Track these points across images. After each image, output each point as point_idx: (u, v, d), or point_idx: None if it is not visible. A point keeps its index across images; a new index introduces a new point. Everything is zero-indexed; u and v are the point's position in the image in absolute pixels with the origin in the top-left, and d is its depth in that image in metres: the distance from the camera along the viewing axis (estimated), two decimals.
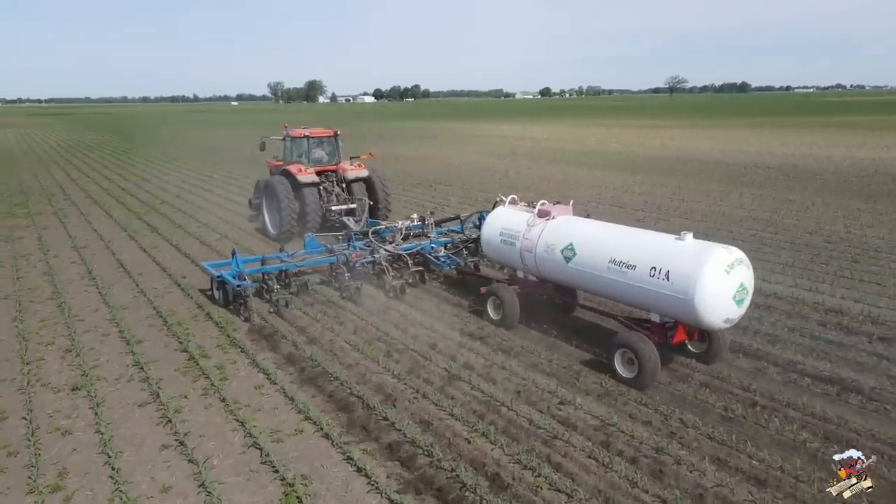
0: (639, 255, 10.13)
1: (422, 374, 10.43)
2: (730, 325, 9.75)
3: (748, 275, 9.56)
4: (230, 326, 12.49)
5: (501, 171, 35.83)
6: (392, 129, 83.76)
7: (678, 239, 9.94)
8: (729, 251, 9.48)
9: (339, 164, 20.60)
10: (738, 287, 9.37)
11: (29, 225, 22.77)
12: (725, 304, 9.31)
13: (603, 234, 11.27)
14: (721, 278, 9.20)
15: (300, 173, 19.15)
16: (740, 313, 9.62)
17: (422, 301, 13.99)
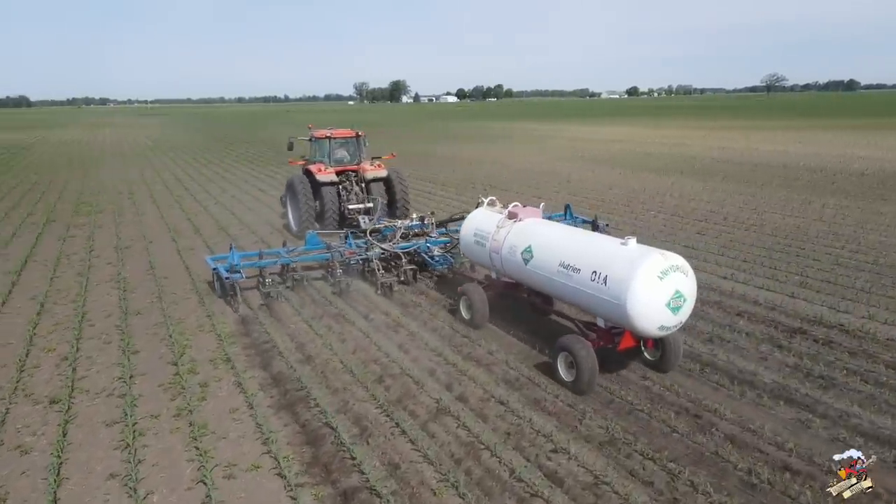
0: (584, 259, 10.10)
1: (409, 404, 9.53)
2: (666, 333, 9.57)
3: (686, 282, 9.34)
4: (228, 340, 12.03)
5: (561, 176, 34.28)
6: (465, 129, 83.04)
7: (622, 244, 9.80)
8: (665, 257, 9.28)
9: (360, 165, 20.90)
10: (672, 294, 9.17)
11: (87, 223, 23.50)
12: (658, 310, 9.16)
13: (557, 237, 11.24)
14: (653, 285, 9.06)
15: (320, 173, 19.76)
16: (677, 321, 9.43)
17: (435, 319, 13.07)
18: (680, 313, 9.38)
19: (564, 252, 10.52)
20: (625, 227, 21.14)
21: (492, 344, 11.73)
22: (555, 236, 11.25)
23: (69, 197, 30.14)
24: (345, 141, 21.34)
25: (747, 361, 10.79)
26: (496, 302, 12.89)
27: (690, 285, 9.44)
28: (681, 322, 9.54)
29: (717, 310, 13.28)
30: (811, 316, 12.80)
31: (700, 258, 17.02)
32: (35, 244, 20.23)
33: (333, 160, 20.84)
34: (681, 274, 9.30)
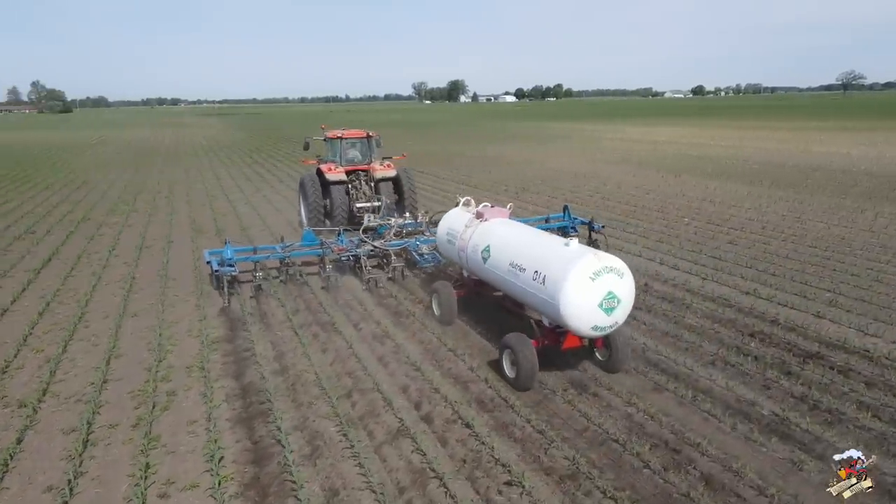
0: (529, 260, 10.34)
1: (371, 423, 9.10)
2: (601, 334, 9.71)
3: (620, 284, 9.44)
4: (211, 346, 11.88)
5: (600, 179, 33.12)
6: (517, 129, 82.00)
7: (565, 245, 10.02)
8: (598, 258, 9.42)
9: (370, 164, 21.34)
10: (605, 295, 9.34)
11: (118, 223, 24.09)
12: (591, 311, 9.35)
13: (511, 237, 11.45)
14: (585, 285, 9.25)
15: (329, 172, 20.28)
16: (611, 322, 9.57)
17: (425, 330, 12.58)
18: (614, 314, 9.54)
19: (514, 252, 10.83)
20: (652, 234, 20.11)
21: (476, 359, 11.16)
22: (509, 236, 11.51)
23: (112, 195, 31.10)
24: (356, 141, 21.75)
25: (748, 389, 9.87)
26: (470, 300, 13.31)
27: (625, 287, 9.56)
28: (616, 323, 9.69)
29: (728, 329, 12.29)
30: (834, 339, 11.68)
31: (725, 270, 15.93)
32: (64, 242, 20.81)
33: (345, 160, 21.27)
34: (615, 276, 9.43)
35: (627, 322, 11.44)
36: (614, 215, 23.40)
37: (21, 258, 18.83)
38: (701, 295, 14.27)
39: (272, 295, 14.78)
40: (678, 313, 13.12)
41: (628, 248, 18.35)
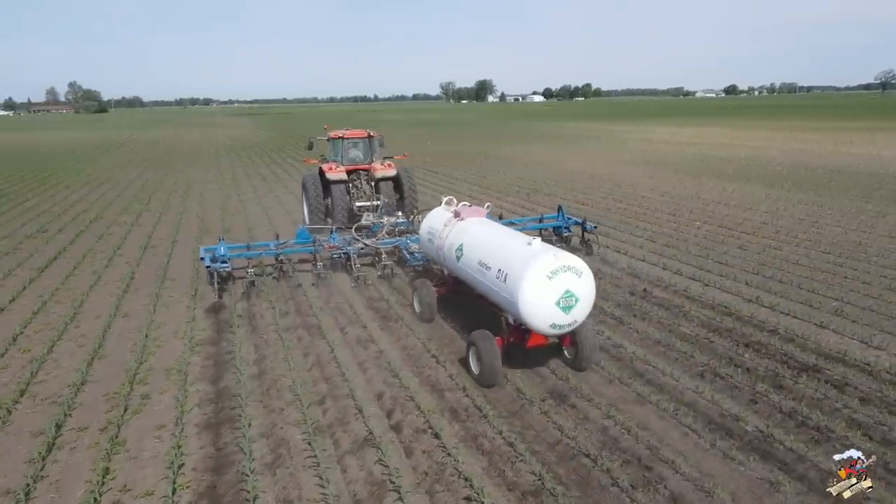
0: (494, 258, 10.53)
1: (338, 431, 8.92)
2: (560, 332, 9.85)
3: (578, 283, 9.57)
4: (195, 349, 11.84)
5: (615, 180, 32.52)
6: (540, 129, 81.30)
7: (528, 244, 10.14)
8: (556, 257, 9.54)
9: (371, 164, 21.54)
10: (562, 293, 9.47)
11: (128, 222, 24.35)
12: (548, 309, 9.49)
13: (482, 236, 11.63)
14: (542, 284, 9.40)
15: (330, 171, 20.44)
16: (570, 320, 9.69)
17: (412, 335, 12.36)
18: (572, 312, 9.65)
19: (482, 251, 11.04)
20: (660, 238, 19.59)
21: (457, 366, 10.91)
22: (481, 236, 11.68)
23: (128, 195, 31.52)
24: (357, 141, 22.01)
25: (734, 403, 9.45)
26: (451, 299, 13.39)
27: (584, 286, 9.68)
28: (575, 321, 9.78)
29: (724, 338, 11.84)
30: (834, 351, 11.16)
31: (730, 277, 15.41)
32: (72, 241, 21.08)
33: (346, 159, 21.54)
34: (572, 274, 9.57)
35: (617, 325, 11.08)
36: (624, 218, 22.91)
37: (29, 256, 19.11)
38: (700, 302, 13.80)
39: (264, 294, 14.76)
40: (674, 321, 12.70)
41: (633, 252, 17.91)
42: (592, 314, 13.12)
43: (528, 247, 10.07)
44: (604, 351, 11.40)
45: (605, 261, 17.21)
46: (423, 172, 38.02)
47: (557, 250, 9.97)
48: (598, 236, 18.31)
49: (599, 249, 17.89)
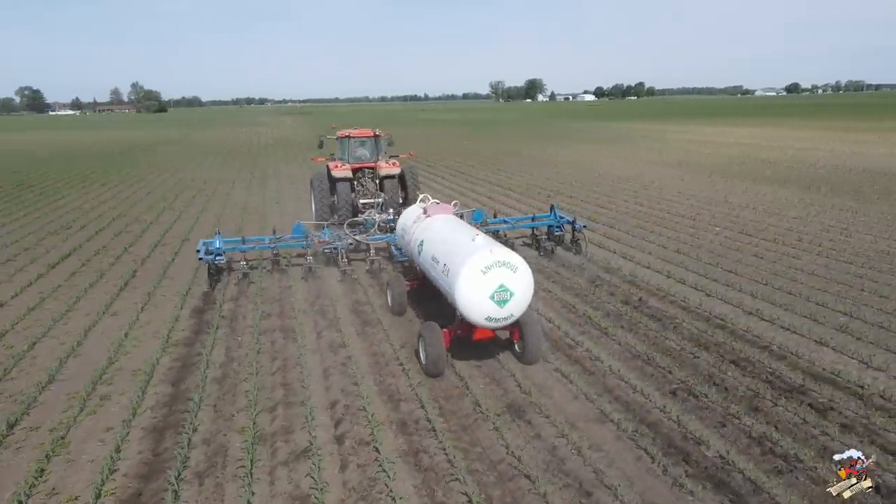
0: (442, 253, 10.96)
1: (280, 440, 8.75)
2: (497, 325, 10.19)
3: (513, 278, 9.94)
4: (169, 350, 11.87)
5: (643, 182, 31.49)
6: (583, 129, 79.89)
7: (472, 240, 10.48)
8: (492, 253, 9.92)
9: (377, 162, 21.83)
10: (496, 288, 9.86)
11: (149, 219, 24.88)
12: (483, 302, 9.90)
13: (439, 231, 12.04)
14: (476, 278, 9.84)
15: (335, 169, 21.01)
16: (505, 314, 10.05)
17: (385, 343, 12.10)
18: (507, 307, 10.01)
19: (436, 246, 11.50)
20: (673, 243, 18.76)
21: (422, 376, 10.58)
22: (438, 231, 12.09)
23: (158, 192, 32.29)
24: (364, 140, 22.44)
25: (702, 425, 8.84)
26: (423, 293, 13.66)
27: (519, 281, 10.02)
28: (511, 315, 10.14)
29: (710, 354, 11.15)
30: (828, 371, 10.36)
31: (735, 287, 14.59)
32: (90, 238, 21.65)
33: (353, 157, 22.00)
34: (507, 270, 9.94)
35: (600, 336, 10.56)
36: (641, 222, 22.09)
37: (45, 252, 19.68)
38: (696, 313, 13.10)
39: (252, 295, 14.74)
40: (661, 334, 12.06)
41: (639, 259, 17.18)
42: (577, 320, 12.80)
43: (471, 242, 10.42)
44: (577, 363, 10.92)
45: (607, 268, 16.58)
46: (447, 173, 37.77)
47: (497, 246, 10.32)
48: (612, 241, 18.00)
49: (588, 248, 17.94)
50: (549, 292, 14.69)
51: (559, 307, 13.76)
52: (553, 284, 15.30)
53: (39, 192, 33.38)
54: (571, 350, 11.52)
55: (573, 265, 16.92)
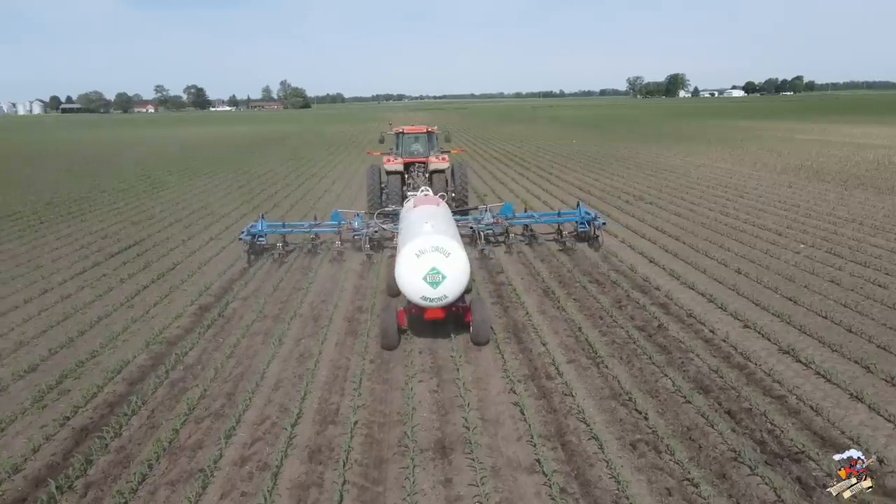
0: (400, 239, 12.64)
1: (181, 458, 8.42)
2: (432, 304, 11.26)
3: (444, 262, 10.97)
4: (150, 348, 12.02)
5: (741, 190, 28.26)
6: (708, 128, 74.25)
7: (422, 226, 11.57)
8: (427, 240, 11.05)
9: (428, 157, 22.74)
10: (428, 270, 10.94)
11: (218, 213, 26.00)
12: (416, 283, 11.06)
13: (412, 220, 13.11)
14: (411, 261, 11.03)
15: (387, 163, 22.60)
16: (439, 294, 11.08)
17: (363, 355, 11.47)
18: (441, 288, 11.07)
19: (402, 233, 13.07)
20: (734, 262, 16.48)
21: (371, 395, 9.87)
22: (412, 220, 13.13)
23: (251, 185, 33.83)
24: (417, 136, 23.57)
25: (644, 488, 7.41)
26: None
27: (451, 265, 11.03)
28: (445, 296, 11.15)
29: (707, 399, 9.50)
30: (848, 434, 8.35)
31: (785, 318, 12.44)
32: (161, 230, 22.91)
33: (407, 152, 23.17)
34: (440, 255, 11.01)
35: (590, 367, 9.39)
36: (714, 234, 19.73)
37: (116, 241, 21.00)
38: (717, 347, 11.28)
39: (267, 291, 14.71)
40: (662, 370, 10.44)
41: (687, 277, 15.21)
42: (574, 346, 11.41)
43: (419, 230, 11.54)
44: (545, 398, 9.70)
45: (642, 286, 14.88)
46: (535, 173, 36.46)
47: (438, 235, 11.23)
48: (668, 254, 17.32)
49: (603, 244, 18.41)
50: (563, 311, 13.34)
51: (563, 329, 12.42)
52: (572, 303, 13.89)
53: (150, 183, 36.19)
54: (548, 381, 10.27)
55: (605, 281, 15.35)
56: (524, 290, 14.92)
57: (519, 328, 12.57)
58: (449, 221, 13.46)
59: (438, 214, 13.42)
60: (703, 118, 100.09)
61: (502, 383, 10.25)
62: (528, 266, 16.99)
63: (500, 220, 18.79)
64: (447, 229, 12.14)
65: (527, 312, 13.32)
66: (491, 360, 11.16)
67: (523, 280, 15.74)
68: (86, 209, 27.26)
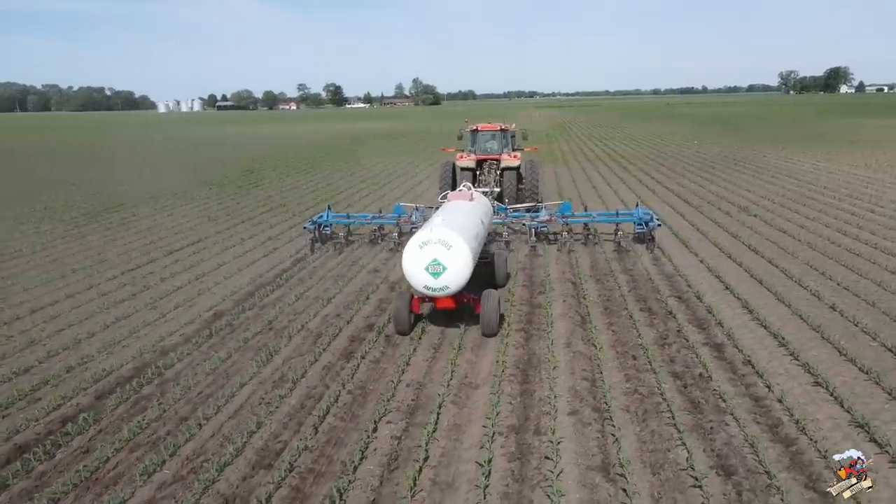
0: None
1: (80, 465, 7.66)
2: (435, 294, 11.73)
3: (446, 254, 11.36)
4: (157, 347, 11.74)
5: (874, 202, 23.97)
6: (864, 129, 65.73)
7: (434, 221, 12.23)
8: (432, 232, 11.53)
9: (500, 155, 22.90)
10: (430, 261, 11.40)
11: (292, 211, 25.97)
12: (419, 272, 11.53)
13: (437, 214, 13.73)
14: (415, 252, 11.54)
15: (459, 160, 23.04)
16: (441, 284, 11.49)
17: (341, 378, 10.34)
18: (442, 278, 11.43)
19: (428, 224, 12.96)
20: (829, 294, 13.53)
21: (340, 422, 8.70)
22: (437, 214, 13.79)
23: (340, 183, 33.92)
24: (492, 134, 23.66)
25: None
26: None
27: (451, 257, 11.37)
28: (447, 286, 11.54)
29: (721, 481, 7.32)
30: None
31: (875, 376, 9.72)
32: (230, 227, 23.18)
33: (481, 149, 23.43)
34: (441, 247, 11.35)
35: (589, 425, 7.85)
36: (820, 256, 16.53)
37: (203, 237, 21.47)
38: (765, 410, 8.98)
39: (302, 293, 14.25)
40: (679, 436, 8.35)
41: (763, 311, 12.60)
42: (587, 399, 9.54)
43: (431, 222, 12.23)
44: (519, 460, 7.99)
45: (701, 323, 12.44)
46: (635, 177, 33.56)
47: (443, 228, 11.61)
48: (750, 281, 14.91)
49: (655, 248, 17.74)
50: (593, 346, 11.39)
51: (582, 370, 10.51)
52: (608, 335, 11.90)
53: (251, 178, 37.44)
54: (534, 437, 8.54)
55: (659, 309, 13.14)
56: (560, 314, 13.08)
57: (532, 364, 10.83)
58: (471, 216, 13.67)
59: (463, 209, 14.06)
60: (862, 116, 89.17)
61: (479, 434, 8.66)
62: (576, 284, 15.04)
63: (552, 219, 18.85)
64: (461, 224, 12.56)
65: (551, 343, 11.52)
66: (482, 403, 9.58)
67: (564, 302, 13.85)
68: (176, 204, 28.35)
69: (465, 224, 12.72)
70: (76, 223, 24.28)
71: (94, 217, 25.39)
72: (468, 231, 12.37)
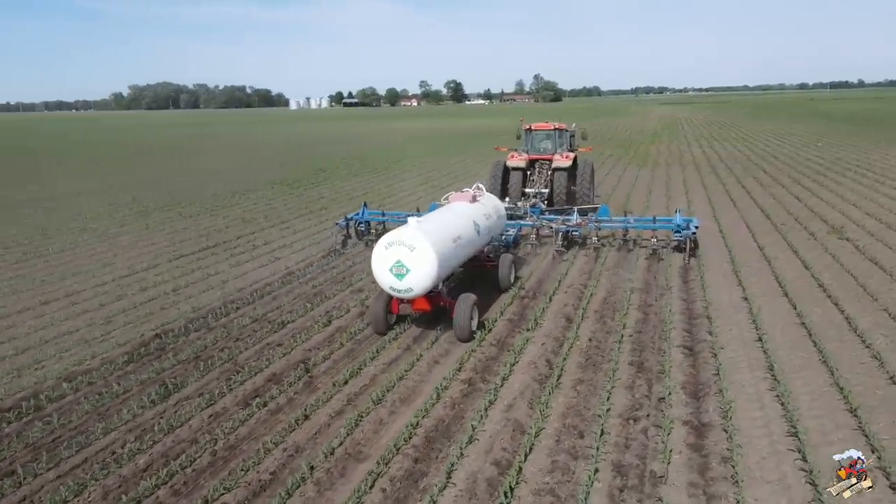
0: None
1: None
2: (401, 295, 11.61)
3: (409, 255, 11.22)
4: (90, 365, 10.79)
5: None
6: None
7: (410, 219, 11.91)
8: (398, 234, 11.47)
9: (553, 155, 22.32)
10: (394, 262, 11.33)
11: (325, 216, 24.93)
12: (384, 274, 11.53)
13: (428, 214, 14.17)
14: (381, 253, 11.54)
15: (511, 159, 22.50)
16: (406, 286, 11.39)
17: (327, 395, 8.78)
18: (406, 280, 11.32)
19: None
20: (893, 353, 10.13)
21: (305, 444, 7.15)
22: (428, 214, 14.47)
23: (403, 186, 32.65)
24: (547, 133, 23.19)
25: None
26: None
27: (415, 259, 11.23)
28: (411, 288, 11.39)
29: None
30: None
31: None
32: (264, 228, 22.49)
33: (534, 149, 23.08)
34: (405, 248, 11.27)
35: None
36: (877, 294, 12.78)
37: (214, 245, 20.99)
38: None
39: None
40: None
41: (791, 378, 9.57)
42: None
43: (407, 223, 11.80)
44: None
45: (695, 391, 9.64)
46: (718, 184, 29.52)
47: (411, 230, 11.34)
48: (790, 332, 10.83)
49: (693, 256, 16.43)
50: (511, 428, 9.01)
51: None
52: (565, 401, 9.43)
53: (321, 177, 37.19)
54: None
55: (649, 369, 10.40)
56: (527, 361, 10.71)
57: (450, 432, 8.65)
58: (462, 218, 13.31)
59: (456, 211, 13.78)
60: None
61: None
62: (572, 321, 12.52)
63: (583, 222, 18.18)
64: (437, 226, 12.25)
65: (488, 403, 9.27)
66: (356, 482, 7.60)
67: (543, 345, 11.40)
68: (227, 204, 28.19)
69: (442, 226, 12.43)
70: (123, 222, 24.57)
71: (142, 216, 25.64)
72: (441, 233, 12.00)
